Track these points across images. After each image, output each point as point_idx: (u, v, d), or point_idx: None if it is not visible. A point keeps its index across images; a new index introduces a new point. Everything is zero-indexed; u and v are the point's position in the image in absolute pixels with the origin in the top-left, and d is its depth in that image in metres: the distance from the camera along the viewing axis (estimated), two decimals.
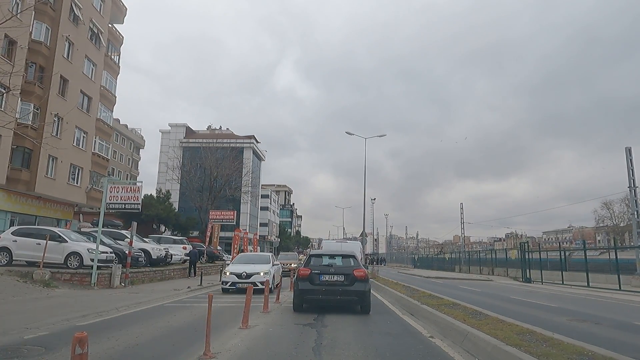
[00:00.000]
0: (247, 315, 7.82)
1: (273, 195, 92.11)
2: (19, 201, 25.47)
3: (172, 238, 29.44)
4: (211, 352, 5.47)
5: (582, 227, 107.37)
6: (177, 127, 70.18)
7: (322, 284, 9.90)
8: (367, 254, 74.45)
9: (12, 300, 11.12)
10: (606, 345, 5.62)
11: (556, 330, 6.73)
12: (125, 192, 16.33)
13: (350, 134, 35.50)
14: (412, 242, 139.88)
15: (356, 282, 9.89)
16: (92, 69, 30.82)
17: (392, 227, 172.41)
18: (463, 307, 9.35)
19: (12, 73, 9.79)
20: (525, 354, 4.78)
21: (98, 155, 32.10)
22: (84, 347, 3.01)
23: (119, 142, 64.49)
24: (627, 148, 26.05)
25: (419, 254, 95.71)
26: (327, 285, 9.90)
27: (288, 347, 6.18)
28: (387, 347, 6.26)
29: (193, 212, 47.01)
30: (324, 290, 9.85)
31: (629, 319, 10.67)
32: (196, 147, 52.38)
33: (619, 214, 66.48)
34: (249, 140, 70.44)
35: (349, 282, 9.90)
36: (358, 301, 10.03)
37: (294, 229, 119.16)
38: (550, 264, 29.21)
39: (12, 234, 15.78)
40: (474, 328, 6.54)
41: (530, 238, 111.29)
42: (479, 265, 41.47)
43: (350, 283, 9.89)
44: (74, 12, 28.17)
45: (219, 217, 38.04)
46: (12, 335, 6.64)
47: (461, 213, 58.75)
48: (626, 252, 28.31)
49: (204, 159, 41.76)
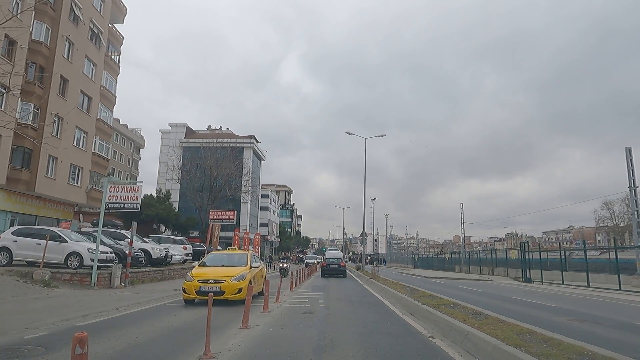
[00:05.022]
0: (247, 315, 7.81)
1: (273, 195, 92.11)
2: (19, 201, 25.47)
3: (172, 238, 29.46)
4: (211, 352, 5.47)
5: (582, 227, 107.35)
6: (177, 127, 70.22)
7: (330, 268, 29.84)
8: (367, 254, 74.53)
9: (12, 300, 11.12)
10: (606, 345, 5.61)
11: (556, 330, 6.72)
12: (124, 192, 16.33)
13: (350, 134, 35.57)
14: (412, 242, 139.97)
15: (341, 267, 30.05)
16: (92, 69, 30.82)
17: (392, 227, 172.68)
18: (463, 307, 9.35)
19: (12, 73, 9.78)
20: (525, 354, 4.78)
21: (98, 155, 32.10)
22: (84, 347, 3.01)
23: (119, 142, 64.48)
24: (627, 148, 26.06)
25: (419, 254, 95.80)
26: (331, 268, 29.78)
27: (288, 347, 6.17)
28: (387, 347, 6.26)
29: (193, 212, 47.01)
30: (330, 269, 29.72)
31: (629, 319, 10.67)
32: (196, 147, 52.37)
33: (619, 214, 66.47)
34: (249, 140, 70.46)
35: (338, 266, 29.93)
36: (342, 273, 29.76)
37: (294, 229, 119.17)
38: (550, 264, 29.20)
39: (12, 234, 15.79)
40: (474, 328, 6.54)
41: (531, 238, 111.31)
42: (479, 265, 41.47)
43: (339, 267, 29.95)
44: (74, 12, 28.17)
45: (219, 217, 38.00)
46: (12, 335, 6.64)
47: (461, 213, 58.84)
48: (626, 252, 28.31)
49: (204, 159, 41.77)
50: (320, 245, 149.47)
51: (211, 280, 11.11)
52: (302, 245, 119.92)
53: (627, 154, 25.97)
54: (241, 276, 11.38)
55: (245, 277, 11.40)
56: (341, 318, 9.36)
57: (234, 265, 12.34)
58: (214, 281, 11.08)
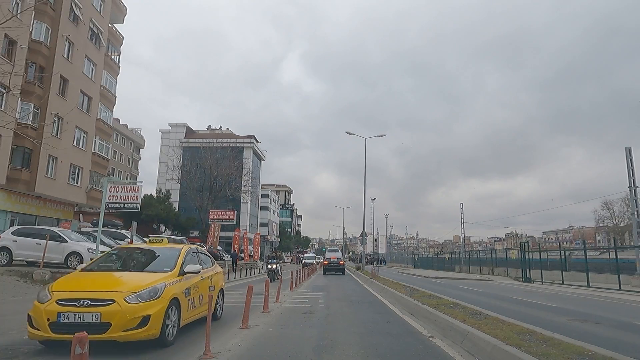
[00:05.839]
0: (247, 315, 7.81)
1: (273, 195, 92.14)
2: (19, 201, 25.47)
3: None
4: (211, 352, 5.47)
5: (582, 227, 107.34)
6: (177, 127, 70.27)
7: (330, 267, 34.61)
8: (367, 254, 74.62)
9: (12, 300, 11.12)
10: (606, 345, 5.61)
11: (556, 330, 6.72)
12: (124, 192, 16.32)
13: (350, 133, 35.55)
14: (412, 242, 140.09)
15: (340, 266, 34.92)
16: (92, 69, 30.83)
17: (392, 227, 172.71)
18: (463, 307, 9.35)
19: (12, 73, 9.79)
20: (525, 354, 4.77)
21: (98, 155, 32.10)
22: (84, 347, 3.01)
23: (119, 142, 64.48)
24: (627, 148, 26.10)
25: (419, 254, 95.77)
26: (332, 267, 34.51)
27: (288, 347, 6.17)
28: (387, 347, 6.26)
29: (193, 212, 47.05)
30: (331, 267, 34.49)
31: (629, 318, 10.67)
32: (196, 147, 52.41)
33: (619, 213, 66.51)
34: (249, 140, 70.50)
35: (338, 265, 34.68)
36: (341, 271, 34.66)
37: (294, 229, 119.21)
38: (550, 264, 29.22)
39: (12, 233, 15.79)
40: (474, 328, 6.54)
41: (531, 238, 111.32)
42: (479, 265, 41.49)
43: (339, 265, 34.74)
44: (74, 12, 28.17)
45: (219, 216, 38.09)
46: (12, 335, 6.63)
47: (461, 213, 58.95)
48: (626, 252, 28.34)
49: (204, 159, 41.81)
50: (320, 245, 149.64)
51: (85, 302, 5.52)
52: (302, 245, 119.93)
53: (627, 153, 26.00)
54: (150, 291, 5.89)
55: (159, 292, 5.97)
56: (341, 318, 9.36)
57: (146, 269, 7.04)
58: (90, 302, 5.52)
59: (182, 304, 6.53)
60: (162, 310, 5.86)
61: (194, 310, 7.19)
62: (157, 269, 6.87)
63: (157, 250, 7.86)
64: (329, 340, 6.70)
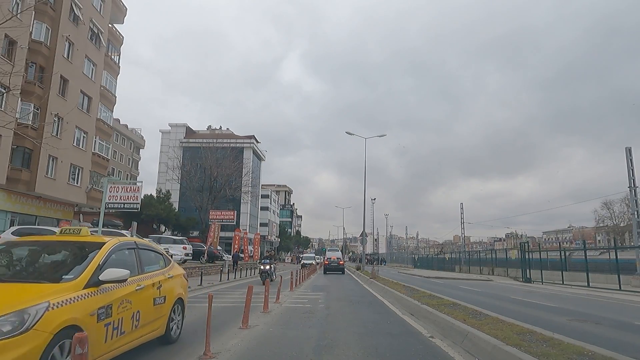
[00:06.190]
0: (247, 315, 7.81)
1: (273, 195, 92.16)
2: (19, 201, 25.47)
3: (172, 238, 29.49)
4: (211, 352, 5.47)
5: (582, 227, 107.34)
6: (177, 127, 70.31)
7: (331, 266, 36.32)
8: (367, 254, 74.63)
9: None
10: (606, 345, 5.61)
11: (556, 330, 6.72)
12: (124, 192, 16.36)
13: (350, 134, 35.51)
14: (412, 242, 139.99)
15: (340, 265, 36.62)
16: (92, 69, 30.83)
17: (392, 227, 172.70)
18: (463, 307, 9.34)
19: (12, 73, 9.78)
20: (525, 354, 4.77)
21: (98, 155, 32.11)
22: (84, 347, 3.00)
23: (119, 142, 64.48)
24: (627, 148, 26.08)
25: (419, 254, 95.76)
26: (332, 266, 36.23)
27: (288, 347, 6.17)
28: (387, 347, 6.26)
29: (193, 212, 47.05)
30: (331, 267, 36.20)
31: (629, 319, 10.66)
32: (196, 147, 52.43)
33: (619, 214, 66.57)
34: (249, 140, 70.52)
35: (338, 265, 36.42)
36: (341, 270, 36.13)
37: (294, 229, 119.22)
38: (550, 264, 29.22)
39: (12, 234, 15.79)
40: (474, 328, 6.53)
41: (531, 238, 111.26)
42: (479, 265, 41.49)
43: (338, 265, 36.44)
44: (74, 12, 28.18)
45: (219, 217, 38.06)
46: None
47: (461, 213, 58.85)
48: (626, 252, 28.31)
49: (204, 159, 41.78)
50: (321, 245, 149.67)
51: None
52: (302, 246, 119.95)
53: (627, 154, 25.99)
54: (12, 321, 3.28)
55: (30, 321, 3.34)
56: (341, 318, 9.36)
57: (30, 278, 4.42)
58: None
59: (91, 333, 3.87)
60: (34, 352, 3.29)
61: (122, 338, 4.66)
62: (48, 278, 4.30)
63: (64, 246, 5.09)
64: (329, 340, 6.70)
